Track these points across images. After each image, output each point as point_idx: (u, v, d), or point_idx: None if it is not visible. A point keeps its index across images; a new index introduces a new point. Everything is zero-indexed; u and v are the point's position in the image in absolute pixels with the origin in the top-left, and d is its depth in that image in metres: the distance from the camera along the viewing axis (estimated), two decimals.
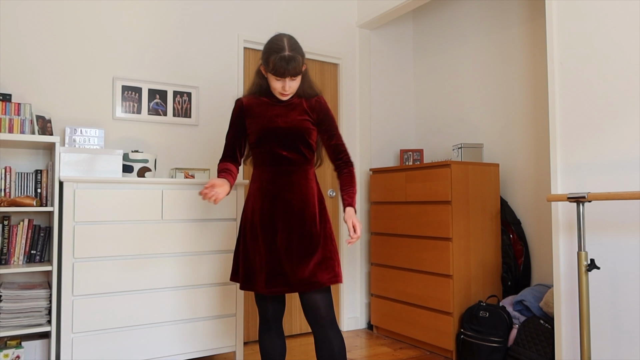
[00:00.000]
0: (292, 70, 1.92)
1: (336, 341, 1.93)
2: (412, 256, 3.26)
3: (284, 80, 1.95)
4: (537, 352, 2.60)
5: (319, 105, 2.08)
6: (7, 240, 2.48)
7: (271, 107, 2.05)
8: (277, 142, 2.01)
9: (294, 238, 1.96)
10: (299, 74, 1.96)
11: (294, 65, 1.91)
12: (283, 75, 1.93)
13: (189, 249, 2.73)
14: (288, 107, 2.05)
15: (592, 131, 2.28)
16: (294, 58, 1.91)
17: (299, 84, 2.02)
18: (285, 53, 1.90)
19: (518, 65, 3.34)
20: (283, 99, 2.02)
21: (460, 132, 3.76)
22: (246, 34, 3.43)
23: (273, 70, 1.92)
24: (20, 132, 2.50)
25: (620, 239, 2.17)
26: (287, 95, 2.01)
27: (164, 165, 3.11)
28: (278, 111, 2.04)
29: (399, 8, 3.49)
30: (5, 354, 2.39)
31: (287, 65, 1.90)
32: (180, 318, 2.69)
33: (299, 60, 1.93)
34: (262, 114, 2.04)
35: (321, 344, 1.94)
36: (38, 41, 2.78)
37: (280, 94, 2.00)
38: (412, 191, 3.28)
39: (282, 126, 2.01)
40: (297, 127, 2.01)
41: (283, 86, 1.96)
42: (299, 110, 2.05)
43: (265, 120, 2.02)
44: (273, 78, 1.96)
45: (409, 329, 3.28)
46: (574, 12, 2.36)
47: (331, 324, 1.94)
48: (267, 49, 1.95)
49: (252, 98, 2.09)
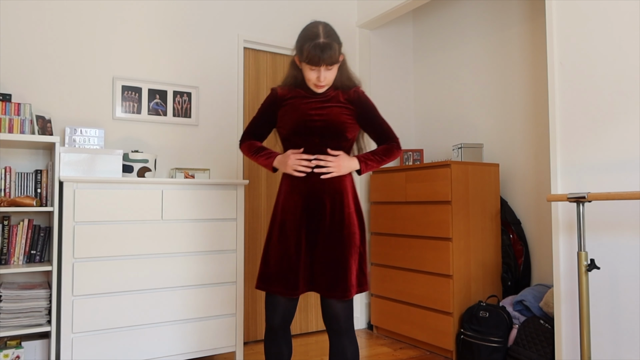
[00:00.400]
0: (327, 58, 1.79)
1: (351, 350, 1.91)
2: (412, 256, 3.26)
3: (318, 70, 1.83)
4: (537, 352, 2.59)
5: (357, 98, 1.96)
6: (7, 240, 2.48)
7: (306, 100, 1.93)
8: (311, 137, 1.89)
9: (324, 239, 1.87)
10: (335, 63, 1.84)
11: (330, 53, 1.79)
12: (318, 64, 1.80)
13: (189, 249, 2.73)
14: (324, 100, 1.93)
15: (592, 131, 2.28)
16: (330, 45, 1.79)
17: (335, 74, 1.90)
18: (320, 40, 1.79)
19: (518, 65, 3.34)
20: (318, 91, 1.91)
21: (460, 132, 3.76)
22: (246, 34, 3.43)
23: (307, 59, 1.81)
24: (20, 132, 2.50)
25: (620, 239, 2.17)
26: (323, 87, 1.89)
27: (164, 165, 3.11)
28: (314, 104, 1.92)
29: (399, 8, 3.49)
30: (5, 354, 2.39)
31: (322, 54, 1.78)
32: (180, 318, 2.69)
33: (335, 48, 1.82)
34: (297, 106, 1.92)
35: (335, 350, 1.92)
36: (38, 41, 2.78)
37: (315, 85, 1.88)
38: (412, 191, 3.28)
39: (317, 120, 1.89)
40: (334, 121, 1.89)
41: (318, 77, 1.85)
42: (336, 103, 1.93)
43: (300, 114, 1.90)
44: (307, 68, 1.85)
45: (409, 329, 3.28)
46: (574, 12, 2.36)
47: (348, 333, 1.91)
48: (301, 37, 1.84)
49: (287, 89, 1.98)
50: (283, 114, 1.95)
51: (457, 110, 3.80)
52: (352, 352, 1.92)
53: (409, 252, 3.29)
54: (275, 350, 1.94)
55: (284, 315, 1.92)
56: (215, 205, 2.82)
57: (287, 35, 3.60)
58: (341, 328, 1.91)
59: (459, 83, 3.78)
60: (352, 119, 1.95)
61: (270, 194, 3.50)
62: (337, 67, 1.89)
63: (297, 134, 1.90)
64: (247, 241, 3.39)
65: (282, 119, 1.96)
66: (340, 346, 1.91)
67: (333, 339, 1.93)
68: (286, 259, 1.87)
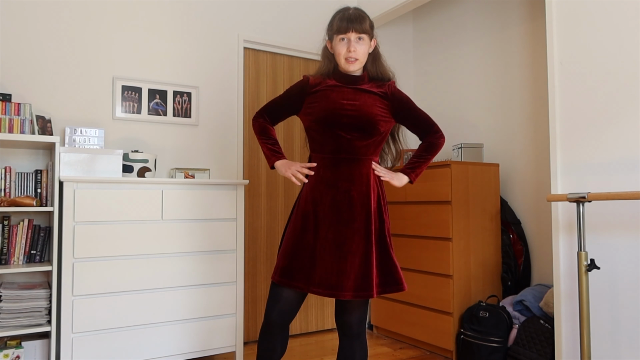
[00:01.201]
0: (357, 25, 1.77)
1: (360, 354, 1.88)
2: (412, 256, 3.26)
3: (349, 39, 1.79)
4: (537, 352, 2.59)
5: (392, 92, 1.89)
6: (7, 240, 2.48)
7: (338, 90, 1.85)
8: (340, 128, 1.81)
9: (346, 234, 1.77)
10: (366, 33, 1.81)
11: (360, 20, 1.78)
12: (347, 30, 1.77)
13: (189, 249, 2.73)
14: (357, 91, 1.85)
15: (592, 131, 2.28)
16: (360, 14, 1.80)
17: (366, 50, 1.85)
18: (350, 10, 1.82)
19: (518, 65, 3.34)
20: (350, 67, 1.83)
21: (460, 132, 3.76)
22: (246, 34, 3.43)
23: (337, 28, 1.80)
24: (20, 132, 2.50)
25: (620, 239, 2.17)
26: (354, 62, 1.82)
27: (164, 165, 3.11)
28: (346, 94, 1.84)
29: (399, 8, 3.49)
30: (5, 354, 2.39)
31: (349, 20, 1.78)
32: (180, 318, 2.69)
33: (366, 19, 1.81)
34: (328, 95, 1.85)
35: (343, 352, 1.89)
36: (38, 41, 2.78)
37: (346, 60, 1.82)
38: (412, 191, 3.28)
39: (349, 109, 1.81)
40: (366, 112, 1.81)
41: (348, 47, 1.79)
42: (369, 94, 1.85)
43: (330, 102, 1.83)
44: (337, 40, 1.82)
45: (409, 329, 3.28)
46: (574, 12, 2.36)
47: (359, 336, 1.87)
48: (332, 17, 1.87)
49: (320, 78, 1.91)
50: (312, 102, 1.88)
51: (457, 110, 3.80)
52: (361, 357, 1.88)
53: (409, 252, 3.29)
54: (269, 346, 1.83)
55: (289, 311, 1.82)
56: (215, 205, 2.82)
57: (287, 35, 3.60)
58: (353, 332, 1.86)
59: (459, 83, 3.78)
60: (386, 112, 1.88)
61: (270, 194, 3.50)
62: (368, 41, 1.85)
63: (325, 122, 1.82)
64: (247, 241, 3.39)
65: (309, 106, 1.88)
66: (350, 349, 1.87)
67: (343, 341, 1.88)
68: (308, 252, 1.79)
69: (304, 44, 3.66)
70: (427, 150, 1.95)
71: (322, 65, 1.93)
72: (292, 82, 3.64)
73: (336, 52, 1.84)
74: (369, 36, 1.85)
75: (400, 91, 1.93)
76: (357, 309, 1.84)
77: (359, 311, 1.84)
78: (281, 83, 3.60)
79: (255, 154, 3.46)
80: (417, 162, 1.95)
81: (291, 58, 3.65)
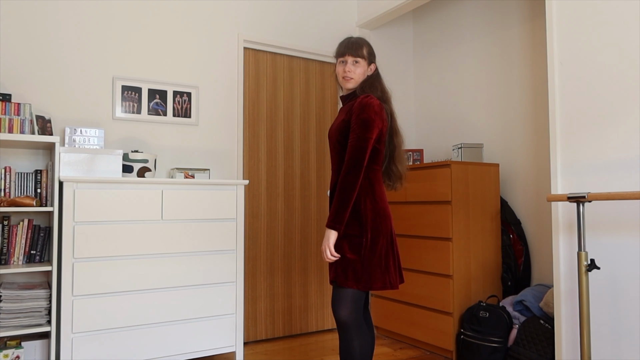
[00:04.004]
0: (352, 49, 1.99)
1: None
2: (412, 256, 3.26)
3: (345, 60, 2.01)
4: (537, 352, 2.59)
5: (353, 103, 1.97)
6: (7, 240, 2.48)
7: (340, 110, 2.12)
8: (329, 144, 2.10)
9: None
10: (360, 57, 2.00)
11: (355, 46, 1.99)
12: (344, 54, 2.00)
13: (189, 249, 2.73)
14: (344, 109, 2.05)
15: (592, 131, 2.28)
16: (358, 41, 2.02)
17: (362, 74, 2.03)
18: (352, 38, 2.04)
19: (518, 65, 3.34)
20: (346, 85, 2.04)
21: (460, 132, 3.76)
22: (246, 34, 3.43)
23: (337, 52, 2.04)
24: (20, 132, 2.50)
25: (620, 239, 2.17)
26: (349, 80, 2.02)
27: (164, 165, 3.11)
28: (338, 114, 2.09)
29: (399, 8, 3.49)
30: (5, 354, 2.39)
31: (347, 46, 2.00)
32: (180, 318, 2.69)
33: (362, 45, 2.01)
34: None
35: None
36: (38, 41, 2.78)
37: (343, 78, 2.03)
38: (412, 191, 3.28)
39: (330, 128, 2.07)
40: (334, 130, 2.02)
41: (343, 68, 2.01)
42: (346, 110, 2.00)
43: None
44: (338, 62, 2.05)
45: (409, 329, 3.28)
46: (574, 12, 2.36)
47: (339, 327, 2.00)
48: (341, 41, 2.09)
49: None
50: None
51: (457, 110, 3.80)
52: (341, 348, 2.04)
53: (409, 252, 3.29)
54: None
55: None
56: (215, 205, 2.82)
57: (287, 35, 3.60)
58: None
59: (459, 83, 3.78)
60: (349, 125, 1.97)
61: (270, 194, 3.50)
62: (365, 65, 2.03)
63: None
64: (247, 241, 3.39)
65: None
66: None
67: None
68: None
69: (304, 44, 3.65)
70: (337, 200, 1.87)
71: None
72: (292, 82, 3.65)
73: (337, 72, 2.07)
74: (366, 61, 2.04)
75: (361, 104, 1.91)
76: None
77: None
78: (281, 83, 3.60)
79: (255, 154, 3.46)
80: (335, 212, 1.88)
81: (291, 58, 3.65)
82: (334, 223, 1.86)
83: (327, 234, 1.89)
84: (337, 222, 1.86)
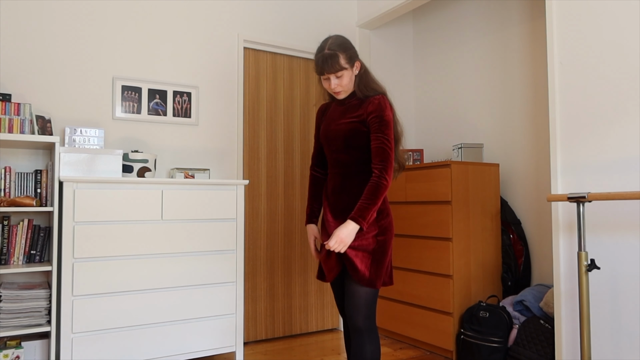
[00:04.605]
0: (329, 67, 1.90)
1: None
2: (412, 256, 3.26)
3: (328, 78, 1.95)
4: (537, 352, 2.59)
5: (368, 104, 1.94)
6: (7, 240, 2.48)
7: (333, 110, 2.06)
8: (328, 145, 2.01)
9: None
10: (340, 70, 1.91)
11: (331, 62, 1.89)
12: (322, 73, 1.93)
13: (189, 249, 2.73)
14: (344, 109, 2.01)
15: (592, 131, 2.28)
16: (332, 55, 1.89)
17: (349, 80, 1.96)
18: (324, 51, 1.91)
19: (518, 65, 3.34)
20: (338, 97, 2.01)
21: (460, 132, 3.76)
22: (246, 34, 3.43)
23: (315, 69, 1.96)
24: (20, 132, 2.50)
25: (620, 239, 2.17)
26: (340, 94, 1.99)
27: (164, 165, 3.11)
28: (335, 114, 2.02)
29: (399, 8, 3.49)
30: (5, 354, 2.39)
31: (323, 64, 1.90)
32: (180, 318, 2.69)
33: (338, 56, 1.90)
34: (329, 116, 2.06)
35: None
36: (39, 41, 2.78)
37: (333, 91, 1.99)
38: (412, 191, 3.28)
39: (333, 129, 1.99)
40: (342, 129, 1.95)
41: (329, 84, 1.96)
42: (352, 110, 1.98)
43: (326, 124, 2.04)
44: (322, 78, 1.98)
45: (409, 329, 3.28)
46: (574, 12, 2.36)
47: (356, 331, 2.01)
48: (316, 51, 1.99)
49: (327, 104, 2.14)
50: (321, 126, 2.11)
51: (457, 110, 3.80)
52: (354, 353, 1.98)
53: (409, 252, 3.29)
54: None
55: None
56: (215, 205, 2.82)
57: (287, 35, 3.60)
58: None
59: (459, 83, 3.78)
60: (363, 127, 1.93)
61: (270, 194, 3.50)
62: (348, 73, 1.94)
63: (324, 144, 2.04)
64: (247, 241, 3.38)
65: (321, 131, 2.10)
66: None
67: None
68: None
69: (304, 44, 3.65)
70: (371, 196, 1.86)
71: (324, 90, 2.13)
72: (292, 82, 3.65)
73: (324, 86, 2.02)
74: (349, 67, 1.94)
75: (378, 105, 1.91)
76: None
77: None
78: (281, 83, 3.60)
79: (255, 154, 3.46)
80: (365, 206, 1.86)
81: (291, 58, 3.65)
82: (362, 219, 1.84)
83: (349, 226, 1.83)
84: (364, 219, 1.85)
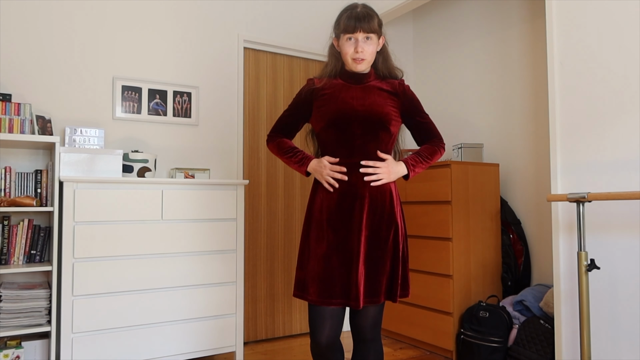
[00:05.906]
0: (364, 23, 1.69)
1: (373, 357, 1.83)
2: (412, 256, 3.26)
3: (356, 38, 1.71)
4: (537, 352, 2.59)
5: (403, 91, 1.81)
6: (7, 240, 2.48)
7: (346, 89, 1.78)
8: (351, 129, 1.73)
9: (366, 242, 1.72)
10: (374, 32, 1.72)
11: (368, 19, 1.70)
12: (354, 30, 1.70)
13: (189, 249, 2.73)
14: (366, 89, 1.78)
15: (592, 131, 2.28)
16: (369, 14, 1.72)
17: (374, 49, 1.76)
18: (358, 9, 1.73)
19: (518, 65, 3.34)
20: (357, 67, 1.76)
21: (460, 132, 3.76)
22: (246, 34, 3.43)
23: (344, 27, 1.72)
24: (20, 132, 2.50)
25: (620, 239, 2.17)
26: (362, 62, 1.75)
27: (164, 165, 3.11)
28: (354, 93, 1.77)
29: (399, 8, 3.49)
30: (5, 354, 2.39)
31: (357, 20, 1.70)
32: (180, 318, 2.69)
33: (374, 18, 1.73)
34: (335, 95, 1.78)
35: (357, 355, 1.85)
36: (39, 41, 2.78)
37: (353, 60, 1.74)
38: (412, 191, 3.28)
39: (359, 109, 1.74)
40: (378, 111, 1.74)
41: (355, 47, 1.71)
42: (379, 92, 1.78)
43: (339, 103, 1.75)
44: (345, 39, 1.74)
45: (409, 329, 3.28)
46: (574, 12, 2.36)
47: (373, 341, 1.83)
48: (339, 13, 1.78)
49: (325, 80, 1.84)
50: (320, 106, 1.80)
51: (457, 110, 3.80)
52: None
53: (409, 251, 3.29)
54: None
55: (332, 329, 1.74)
56: (215, 205, 2.82)
57: (287, 35, 3.60)
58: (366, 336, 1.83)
59: (458, 83, 3.78)
60: (397, 111, 1.80)
61: (270, 194, 3.50)
62: (376, 40, 1.76)
63: (336, 125, 1.74)
64: (247, 241, 3.39)
65: (318, 111, 1.80)
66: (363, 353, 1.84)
67: (357, 345, 1.85)
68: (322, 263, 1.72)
69: (304, 44, 3.65)
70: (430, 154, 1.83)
71: (328, 64, 1.86)
72: (292, 82, 3.64)
73: (343, 52, 1.77)
74: (377, 35, 1.76)
75: (411, 91, 1.86)
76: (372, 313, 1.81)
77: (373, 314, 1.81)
78: (281, 83, 3.60)
79: (255, 154, 3.46)
80: (419, 160, 1.82)
81: (291, 58, 3.65)
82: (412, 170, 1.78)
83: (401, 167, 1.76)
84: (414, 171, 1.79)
